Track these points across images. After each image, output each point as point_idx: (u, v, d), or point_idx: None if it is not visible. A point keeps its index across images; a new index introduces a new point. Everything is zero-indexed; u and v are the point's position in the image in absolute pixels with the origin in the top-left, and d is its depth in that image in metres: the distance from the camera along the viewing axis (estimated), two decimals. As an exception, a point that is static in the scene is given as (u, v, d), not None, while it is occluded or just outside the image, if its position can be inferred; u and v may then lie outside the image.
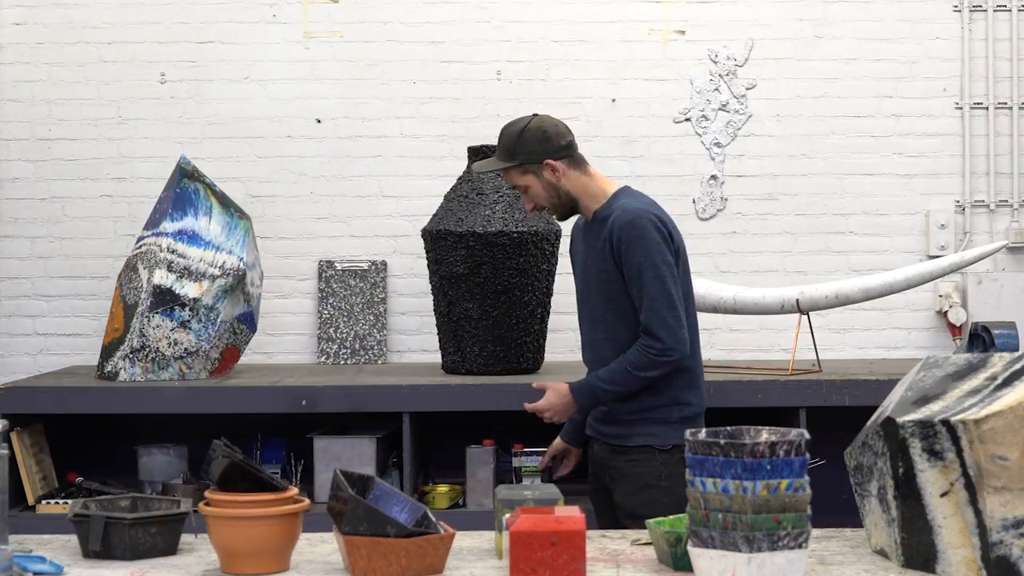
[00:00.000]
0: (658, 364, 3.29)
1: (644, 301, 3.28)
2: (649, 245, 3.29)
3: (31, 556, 2.38)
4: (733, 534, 2.10)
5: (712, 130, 5.29)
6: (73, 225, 5.25)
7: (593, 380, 3.38)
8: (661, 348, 3.28)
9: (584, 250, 3.43)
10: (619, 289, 3.33)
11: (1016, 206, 5.29)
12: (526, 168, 3.36)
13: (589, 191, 3.41)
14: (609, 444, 3.42)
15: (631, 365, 3.32)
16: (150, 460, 4.52)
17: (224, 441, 2.42)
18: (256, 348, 5.09)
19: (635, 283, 3.29)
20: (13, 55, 5.26)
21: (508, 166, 3.38)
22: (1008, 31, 5.30)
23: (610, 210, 3.36)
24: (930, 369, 2.44)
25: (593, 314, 3.41)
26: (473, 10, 5.28)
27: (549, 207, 3.42)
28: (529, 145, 3.37)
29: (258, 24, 5.28)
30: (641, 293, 3.28)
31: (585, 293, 3.45)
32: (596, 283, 3.38)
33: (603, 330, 3.38)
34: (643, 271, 3.28)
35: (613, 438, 3.41)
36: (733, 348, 5.22)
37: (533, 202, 3.41)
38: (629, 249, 3.29)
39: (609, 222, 3.33)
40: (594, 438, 3.50)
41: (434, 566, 2.33)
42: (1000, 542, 2.17)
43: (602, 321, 3.38)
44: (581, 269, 3.47)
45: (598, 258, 3.36)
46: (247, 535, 2.34)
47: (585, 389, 3.39)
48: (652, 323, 3.28)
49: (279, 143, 5.26)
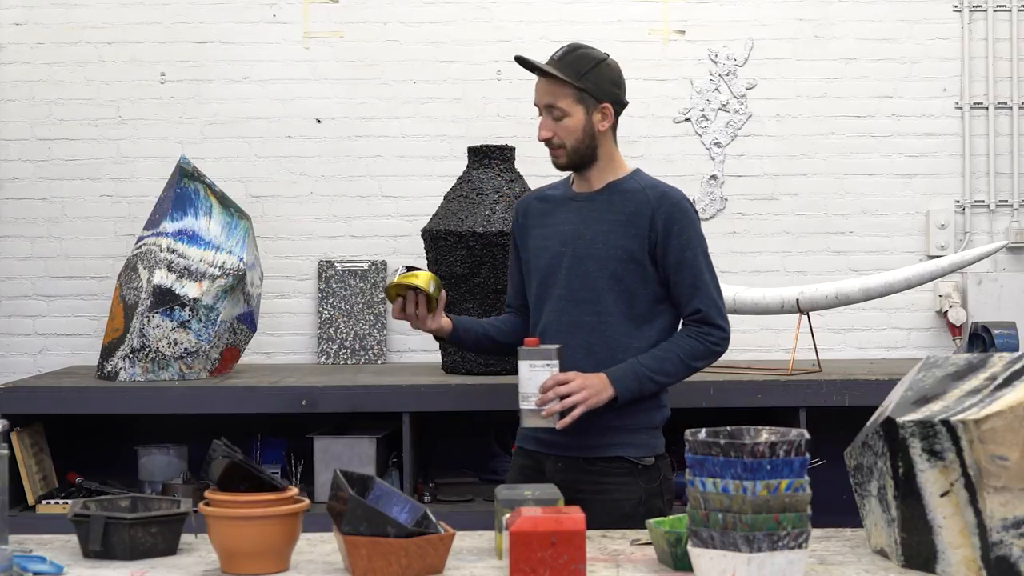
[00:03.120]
0: (713, 355, 3.09)
1: (700, 287, 3.07)
2: (699, 229, 3.13)
3: (31, 556, 2.38)
4: (733, 534, 2.10)
5: (712, 130, 5.29)
6: (73, 225, 5.25)
7: (638, 368, 3.03)
8: (721, 337, 3.10)
9: (580, 222, 3.14)
10: (635, 269, 3.08)
11: (1016, 206, 5.29)
12: (583, 97, 3.11)
13: (613, 158, 3.18)
14: (572, 457, 3.07)
15: (686, 354, 3.06)
16: (150, 460, 4.52)
17: (224, 441, 2.42)
18: (256, 348, 5.09)
19: (687, 267, 3.07)
20: (13, 55, 5.27)
21: (570, 83, 3.08)
22: (1008, 31, 5.30)
23: (638, 184, 3.15)
24: (930, 369, 2.44)
25: (579, 293, 3.10)
26: (473, 10, 5.28)
27: (570, 149, 3.12)
28: (602, 78, 3.12)
29: (258, 24, 5.28)
30: (695, 279, 3.07)
31: (571, 270, 3.11)
32: (601, 260, 3.09)
33: (591, 312, 3.09)
34: (697, 256, 3.08)
35: (579, 449, 3.06)
36: (733, 348, 5.11)
37: (558, 133, 3.10)
38: (683, 231, 3.08)
39: (644, 197, 3.11)
40: (547, 454, 3.12)
41: (434, 566, 2.33)
42: (1000, 542, 2.17)
43: (593, 302, 3.08)
44: (565, 243, 3.14)
45: (617, 233, 3.09)
46: (247, 535, 2.34)
47: (629, 376, 3.02)
48: (711, 310, 3.08)
49: (279, 143, 5.26)
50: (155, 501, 2.67)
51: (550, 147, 3.14)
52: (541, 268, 3.17)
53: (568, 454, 3.09)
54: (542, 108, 3.14)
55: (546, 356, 3.00)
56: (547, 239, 3.18)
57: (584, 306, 3.10)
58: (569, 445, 3.08)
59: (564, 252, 3.14)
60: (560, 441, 3.08)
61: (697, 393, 4.27)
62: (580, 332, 3.08)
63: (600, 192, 3.17)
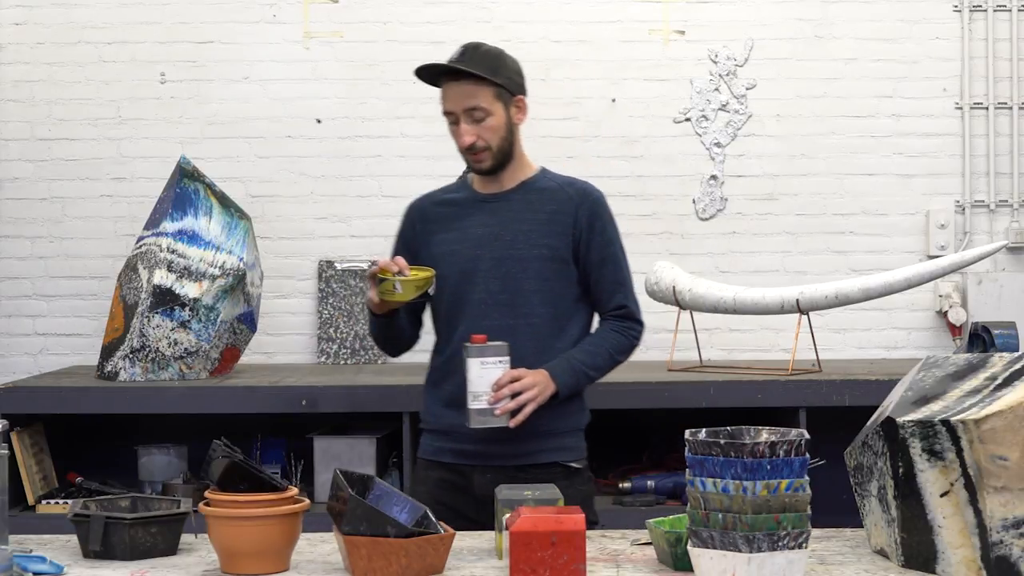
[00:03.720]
0: (633, 349, 3.07)
1: (623, 283, 3.05)
2: (616, 225, 3.09)
3: (31, 556, 2.38)
4: (733, 534, 2.10)
5: (712, 130, 5.29)
6: (73, 225, 5.25)
7: (574, 363, 2.98)
8: (640, 332, 3.08)
9: (496, 223, 3.03)
10: (560, 268, 3.01)
11: (1016, 206, 5.29)
12: (500, 94, 2.99)
13: (523, 156, 3.09)
14: (502, 467, 2.96)
15: (614, 349, 3.03)
16: (150, 460, 4.52)
17: (224, 441, 2.42)
18: (256, 348, 5.09)
19: (610, 263, 3.03)
20: (13, 55, 5.27)
21: (488, 80, 2.95)
22: (1008, 31, 5.30)
23: (553, 183, 3.07)
24: (930, 369, 2.44)
25: (500, 296, 2.99)
26: (473, 10, 5.28)
27: (496, 149, 3.00)
28: (510, 71, 3.02)
29: (258, 24, 5.28)
30: (617, 275, 3.04)
31: (490, 272, 3.00)
32: (524, 260, 3.00)
33: (515, 315, 2.97)
34: (618, 252, 3.05)
35: (510, 458, 2.96)
36: (733, 348, 5.22)
37: (482, 136, 2.97)
38: (605, 227, 3.04)
39: (565, 195, 3.04)
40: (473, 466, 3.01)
41: (434, 566, 2.33)
42: (1000, 542, 2.17)
43: (517, 304, 2.98)
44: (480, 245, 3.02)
45: (540, 232, 3.01)
46: (247, 535, 2.34)
47: (567, 372, 2.96)
48: (634, 306, 3.06)
49: (279, 143, 5.26)
50: (155, 501, 2.67)
51: (472, 152, 3.00)
52: (454, 274, 3.02)
53: (498, 464, 2.97)
54: (459, 114, 2.98)
55: (498, 353, 2.89)
56: (456, 243, 3.05)
57: (507, 309, 2.99)
58: (498, 455, 2.98)
59: (480, 255, 3.02)
60: (487, 451, 2.98)
61: (697, 393, 4.28)
62: (504, 336, 2.93)
63: (514, 191, 3.07)
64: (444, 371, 3.07)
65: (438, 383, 3.10)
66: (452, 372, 3.00)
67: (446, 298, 3.03)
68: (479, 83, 2.97)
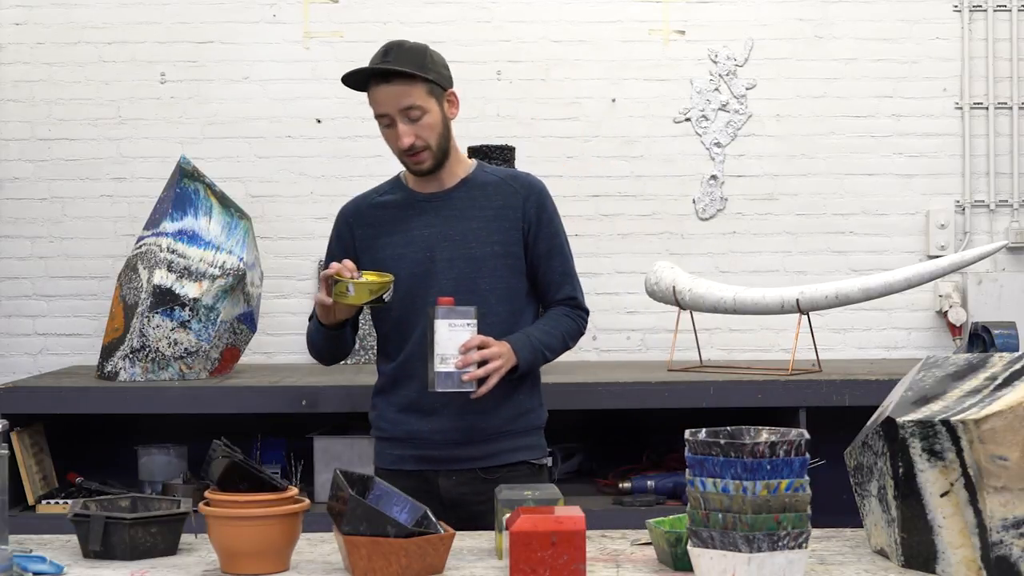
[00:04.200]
0: (581, 336, 3.06)
1: (569, 273, 3.03)
2: (559, 215, 3.07)
3: (31, 556, 2.38)
4: (733, 534, 2.10)
5: (712, 130, 5.29)
6: (73, 225, 5.25)
7: (534, 340, 2.93)
8: (587, 319, 3.07)
9: (441, 223, 2.97)
10: (511, 263, 2.96)
11: (1016, 206, 5.29)
12: (433, 89, 2.93)
13: (458, 151, 3.04)
14: (468, 470, 2.93)
15: (567, 333, 3.00)
16: (150, 460, 4.52)
17: (224, 441, 2.42)
18: (256, 348, 5.09)
19: (556, 254, 3.01)
20: (13, 55, 5.27)
21: (420, 77, 2.89)
22: (1008, 31, 5.30)
23: (494, 176, 3.03)
24: (930, 369, 2.44)
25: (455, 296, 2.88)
26: (473, 10, 5.28)
27: (435, 148, 2.95)
28: (437, 65, 2.96)
29: (258, 24, 5.28)
30: (564, 265, 3.02)
31: (443, 274, 2.94)
32: (476, 259, 2.95)
33: (479, 315, 2.86)
34: (563, 243, 3.03)
35: (476, 460, 2.93)
36: (733, 348, 5.22)
37: (420, 135, 2.91)
38: (551, 219, 3.01)
39: (509, 188, 3.00)
40: (437, 471, 2.95)
41: (434, 566, 2.33)
42: (1000, 542, 2.17)
43: (480, 304, 2.88)
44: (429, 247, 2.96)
45: (489, 228, 2.96)
46: (247, 535, 2.34)
47: (527, 347, 2.91)
48: (580, 295, 3.05)
49: (279, 143, 5.27)
50: (155, 501, 2.67)
51: (412, 153, 2.94)
52: (405, 277, 2.94)
53: (463, 467, 2.94)
54: (395, 115, 2.92)
55: (466, 316, 2.82)
56: (403, 246, 2.98)
57: (483, 309, 2.89)
58: (464, 458, 2.94)
59: (431, 257, 2.96)
60: (452, 455, 2.94)
61: (697, 393, 4.27)
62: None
63: (456, 189, 3.01)
64: (397, 377, 3.02)
65: (392, 389, 3.04)
66: (408, 377, 2.97)
67: (397, 303, 2.96)
68: (411, 81, 2.90)
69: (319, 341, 3.07)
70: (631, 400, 4.30)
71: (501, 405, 2.95)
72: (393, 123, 2.94)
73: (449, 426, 2.95)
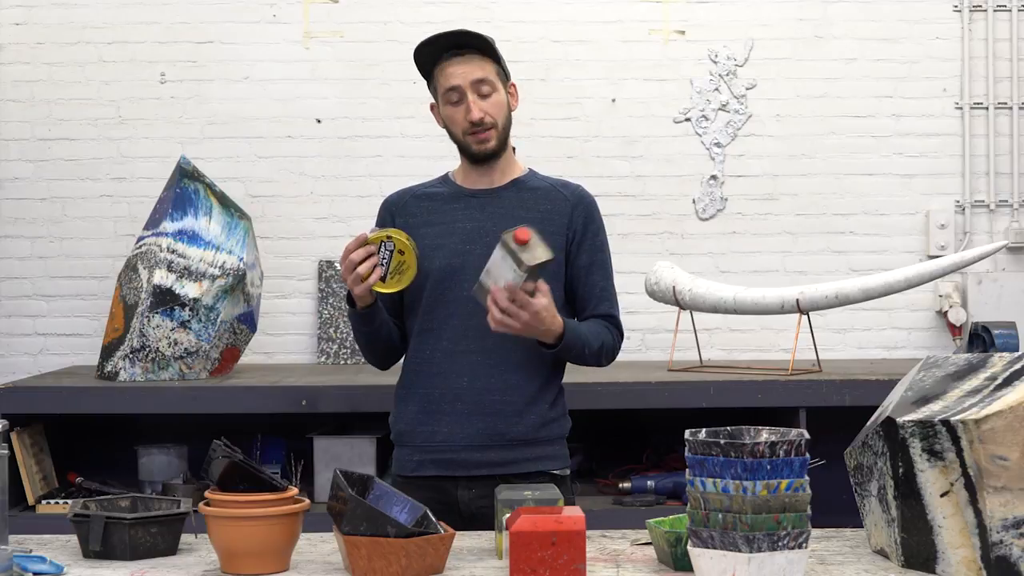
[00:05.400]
0: (613, 357, 2.95)
1: (609, 290, 2.95)
2: (606, 233, 3.00)
3: (31, 556, 2.38)
4: (733, 534, 2.10)
5: (712, 130, 5.29)
6: (73, 225, 5.25)
7: (582, 337, 2.83)
8: (621, 342, 2.97)
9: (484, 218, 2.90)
10: (553, 271, 2.83)
11: (1016, 206, 5.29)
12: (500, 72, 2.94)
13: (513, 151, 3.02)
14: (487, 477, 2.84)
15: (604, 348, 2.89)
16: (150, 460, 4.52)
17: (224, 441, 2.42)
18: (256, 348, 5.09)
19: (598, 269, 2.93)
20: (13, 55, 5.27)
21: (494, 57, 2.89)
22: (1008, 31, 5.30)
23: (546, 183, 2.97)
24: (930, 369, 2.44)
25: None
26: (473, 10, 5.28)
27: (501, 129, 2.92)
28: (501, 58, 2.94)
29: (258, 24, 5.28)
30: (606, 281, 2.95)
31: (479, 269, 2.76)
32: None
33: None
34: (607, 259, 2.97)
35: (496, 467, 2.86)
36: (733, 348, 5.22)
37: (489, 112, 2.88)
38: (598, 232, 2.96)
39: (559, 195, 2.94)
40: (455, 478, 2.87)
41: (434, 566, 2.33)
42: (1000, 542, 2.17)
43: None
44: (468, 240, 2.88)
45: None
46: (247, 535, 2.34)
47: (574, 339, 2.81)
48: (617, 312, 2.95)
49: (279, 143, 5.27)
50: (155, 501, 2.67)
51: (481, 129, 2.89)
52: (437, 269, 2.87)
53: (483, 473, 2.86)
54: (467, 87, 2.88)
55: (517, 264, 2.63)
56: (442, 237, 2.90)
57: None
58: (483, 463, 2.87)
59: (469, 250, 2.87)
60: (471, 459, 2.87)
61: (697, 393, 4.27)
62: (493, 335, 2.76)
63: (505, 188, 2.95)
64: (419, 373, 2.94)
65: (412, 386, 2.96)
66: (431, 375, 2.91)
67: (426, 295, 2.89)
68: (484, 58, 2.89)
69: (359, 331, 2.99)
70: (631, 400, 4.30)
71: (524, 412, 2.88)
72: (462, 98, 2.90)
73: (471, 430, 2.88)
